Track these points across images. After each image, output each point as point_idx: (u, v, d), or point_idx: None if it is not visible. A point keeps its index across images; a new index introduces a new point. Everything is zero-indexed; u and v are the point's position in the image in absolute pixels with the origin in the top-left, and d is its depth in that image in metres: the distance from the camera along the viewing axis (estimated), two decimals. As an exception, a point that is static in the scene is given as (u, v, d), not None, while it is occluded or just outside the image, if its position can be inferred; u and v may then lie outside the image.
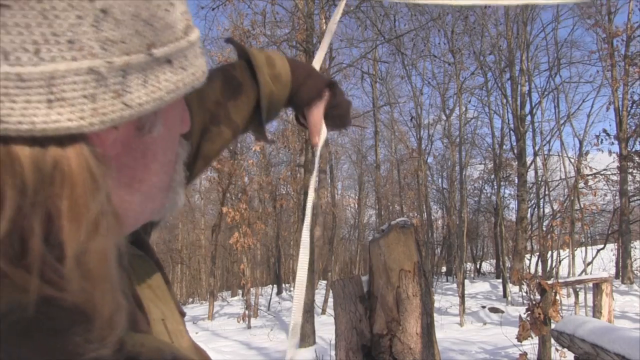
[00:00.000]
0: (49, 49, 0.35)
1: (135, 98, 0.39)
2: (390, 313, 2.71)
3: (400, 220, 2.91)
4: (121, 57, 0.38)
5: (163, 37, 0.41)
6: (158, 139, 0.45)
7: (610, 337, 4.09)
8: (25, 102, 0.35)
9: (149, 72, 0.40)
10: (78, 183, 0.36)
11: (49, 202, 0.35)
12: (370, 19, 10.74)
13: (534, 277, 6.67)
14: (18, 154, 0.34)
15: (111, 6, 0.37)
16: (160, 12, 0.41)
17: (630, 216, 13.99)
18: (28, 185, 0.34)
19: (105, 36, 0.37)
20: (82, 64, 0.36)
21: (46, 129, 0.35)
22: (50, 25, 0.35)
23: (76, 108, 0.36)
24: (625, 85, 13.13)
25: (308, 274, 4.68)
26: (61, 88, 0.35)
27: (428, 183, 17.96)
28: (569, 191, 13.30)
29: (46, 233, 0.35)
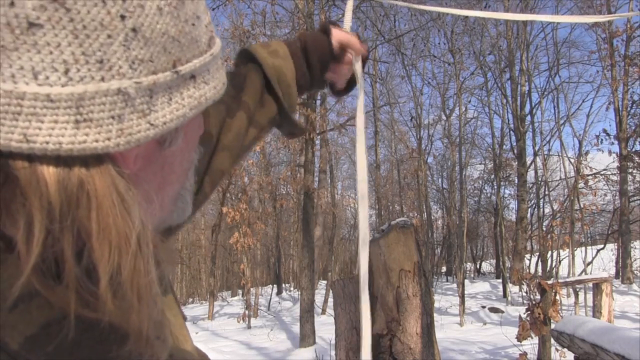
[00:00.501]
0: (78, 69, 0.34)
1: (160, 117, 0.39)
2: (390, 313, 2.71)
3: (400, 220, 2.91)
4: (149, 76, 0.37)
5: (188, 52, 0.41)
6: (177, 151, 0.45)
7: (610, 337, 4.09)
8: (53, 122, 0.34)
9: (174, 89, 0.40)
10: (105, 204, 0.35)
11: (77, 224, 0.35)
12: (370, 19, 10.74)
13: (534, 277, 6.67)
14: (44, 174, 0.34)
15: (142, 24, 0.37)
16: (188, 27, 0.40)
17: (630, 216, 13.99)
18: (55, 207, 0.34)
19: (134, 55, 0.36)
20: (112, 85, 0.36)
21: (72, 149, 0.35)
22: (80, 45, 0.34)
23: (103, 129, 0.36)
24: (625, 85, 13.12)
25: (308, 273, 4.72)
26: (89, 109, 0.35)
27: (428, 183, 17.97)
28: (569, 191, 13.30)
29: (79, 254, 0.35)
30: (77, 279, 0.35)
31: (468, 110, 16.52)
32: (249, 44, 9.25)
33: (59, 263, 0.35)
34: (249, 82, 0.80)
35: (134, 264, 0.36)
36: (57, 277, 0.35)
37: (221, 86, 0.46)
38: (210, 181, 0.75)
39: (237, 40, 9.38)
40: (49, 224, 0.34)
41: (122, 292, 0.36)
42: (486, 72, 15.88)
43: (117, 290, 0.36)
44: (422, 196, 16.35)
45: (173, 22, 0.39)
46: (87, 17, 0.34)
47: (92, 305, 0.35)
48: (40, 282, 0.35)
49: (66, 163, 0.35)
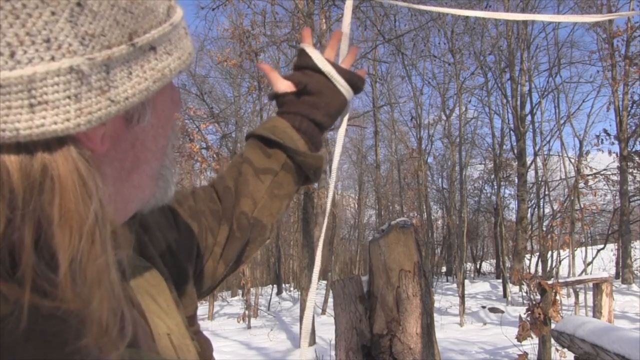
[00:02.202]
0: (24, 50, 0.33)
1: (121, 92, 0.37)
2: (390, 313, 2.70)
3: (400, 220, 2.91)
4: (102, 51, 0.36)
5: (144, 23, 0.39)
6: (147, 127, 0.43)
7: (610, 337, 4.09)
8: (6, 109, 0.33)
9: (133, 63, 0.38)
10: (68, 188, 0.34)
11: (39, 211, 0.34)
12: (370, 19, 10.73)
13: (534, 277, 6.67)
14: (4, 161, 0.33)
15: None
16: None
17: (630, 216, 13.99)
18: (17, 194, 0.33)
19: (83, 31, 0.35)
20: (63, 64, 0.34)
21: (31, 134, 0.33)
22: (23, 25, 0.33)
23: (60, 110, 0.34)
24: (625, 85, 13.12)
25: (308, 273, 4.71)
26: (42, 91, 0.34)
27: (428, 183, 17.97)
28: (569, 191, 13.30)
29: (37, 241, 0.34)
30: (34, 268, 0.33)
31: (468, 110, 16.54)
32: (248, 44, 9.26)
33: (15, 253, 0.34)
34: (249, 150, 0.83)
35: (93, 248, 0.35)
36: (11, 269, 0.34)
37: (187, 56, 0.44)
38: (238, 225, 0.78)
39: (237, 40, 9.37)
40: (9, 213, 0.33)
41: (82, 279, 0.35)
42: (486, 72, 15.89)
43: (77, 276, 0.35)
44: (422, 196, 16.35)
45: None
46: None
47: (50, 294, 0.34)
48: None
49: (27, 149, 0.34)
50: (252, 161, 0.81)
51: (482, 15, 0.98)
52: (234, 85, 15.91)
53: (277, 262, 18.08)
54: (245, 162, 0.81)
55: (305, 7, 8.84)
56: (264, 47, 9.66)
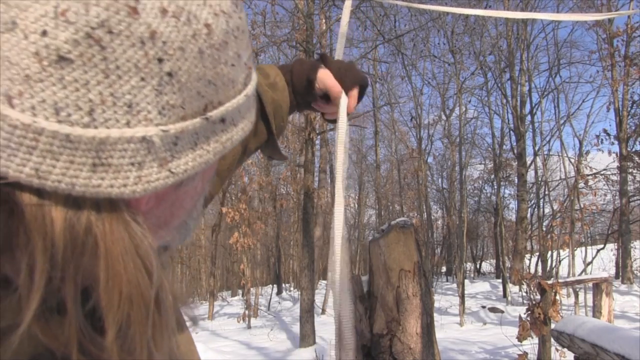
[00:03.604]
0: (103, 110, 0.32)
1: (182, 164, 0.36)
2: (390, 313, 2.71)
3: (400, 220, 2.91)
4: (176, 123, 0.35)
5: (222, 95, 0.38)
6: (190, 189, 0.42)
7: (610, 337, 4.09)
8: (69, 162, 0.32)
9: (201, 135, 0.37)
10: (115, 251, 0.33)
11: (83, 271, 0.32)
12: (370, 19, 10.73)
13: (534, 277, 6.67)
14: (51, 212, 0.32)
15: (179, 68, 0.34)
16: (227, 68, 0.37)
17: (630, 216, 13.99)
18: (58, 250, 0.32)
19: (165, 101, 0.34)
20: (136, 132, 0.33)
21: (85, 192, 0.33)
22: (110, 86, 0.32)
23: (121, 175, 0.33)
24: (625, 85, 13.12)
25: (308, 273, 4.72)
26: (109, 154, 0.33)
27: (428, 183, 17.96)
28: (569, 191, 13.29)
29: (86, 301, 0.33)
30: (79, 330, 0.32)
31: (468, 110, 16.53)
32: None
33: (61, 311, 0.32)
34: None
35: (147, 316, 0.34)
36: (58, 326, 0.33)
37: (249, 126, 0.42)
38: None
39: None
40: (50, 270, 0.32)
41: (131, 346, 0.34)
42: (486, 72, 15.88)
43: (126, 343, 0.33)
44: (422, 196, 16.35)
45: (212, 65, 0.36)
46: (122, 57, 0.32)
47: (93, 355, 0.33)
48: (41, 329, 0.32)
49: (76, 204, 0.33)
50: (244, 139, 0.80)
51: (482, 13, 0.98)
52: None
53: (277, 262, 18.08)
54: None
55: (305, 7, 8.84)
56: (264, 47, 9.66)
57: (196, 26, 0.35)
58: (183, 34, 0.34)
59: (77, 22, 0.31)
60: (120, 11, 0.32)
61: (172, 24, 0.33)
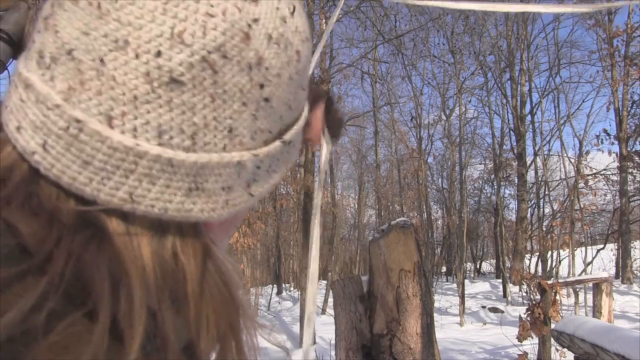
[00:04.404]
0: (205, 134, 0.32)
1: (259, 187, 0.36)
2: (390, 313, 2.71)
3: (400, 220, 2.91)
4: (263, 147, 0.35)
5: (294, 118, 0.38)
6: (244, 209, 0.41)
7: (610, 337, 4.09)
8: (165, 187, 0.32)
9: (276, 158, 0.37)
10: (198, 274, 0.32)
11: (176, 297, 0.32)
12: (370, 19, 10.73)
13: (534, 277, 6.67)
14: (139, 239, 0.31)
15: (274, 94, 0.34)
16: (301, 92, 0.38)
17: (630, 216, 13.98)
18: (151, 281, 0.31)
19: (258, 125, 0.34)
20: (233, 157, 0.33)
21: (176, 216, 0.32)
22: (214, 110, 0.32)
23: (212, 199, 0.33)
24: (625, 85, 13.12)
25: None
26: (206, 179, 0.32)
27: (428, 183, 17.96)
28: (569, 191, 13.29)
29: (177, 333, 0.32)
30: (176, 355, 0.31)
31: (468, 110, 16.54)
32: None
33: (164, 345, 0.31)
34: None
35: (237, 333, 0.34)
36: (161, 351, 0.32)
37: (301, 145, 0.42)
38: None
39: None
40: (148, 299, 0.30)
41: None
42: (486, 72, 15.89)
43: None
44: (422, 196, 16.35)
45: (294, 90, 0.36)
46: (230, 82, 0.32)
47: None
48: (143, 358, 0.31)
49: (163, 230, 0.32)
50: None
51: (480, 7, 0.98)
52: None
53: (277, 262, 18.07)
54: None
55: (305, 7, 8.84)
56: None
57: (291, 53, 0.35)
58: (282, 61, 0.34)
59: (194, 45, 0.30)
60: (236, 36, 0.31)
61: (275, 51, 0.33)
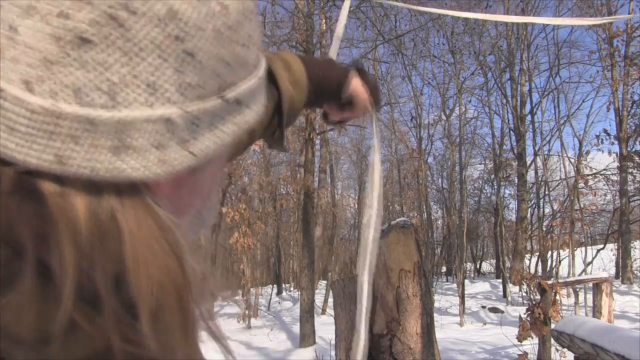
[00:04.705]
0: (125, 91, 0.32)
1: (201, 146, 0.36)
2: (390, 313, 2.71)
3: (400, 220, 2.91)
4: (196, 103, 0.35)
5: (237, 76, 0.38)
6: (207, 174, 0.42)
7: (610, 337, 4.09)
8: (91, 146, 0.32)
9: (218, 116, 0.37)
10: (140, 235, 0.33)
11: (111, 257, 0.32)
12: (370, 19, 10.73)
13: (534, 277, 6.67)
14: (73, 199, 0.32)
15: (198, 48, 0.34)
16: (240, 49, 0.37)
17: (630, 216, 13.99)
18: (84, 238, 0.31)
19: (185, 80, 0.34)
20: (157, 112, 0.33)
21: (106, 176, 0.32)
22: (130, 66, 0.32)
23: (142, 157, 0.33)
24: (625, 85, 13.12)
25: (308, 273, 4.71)
26: (131, 135, 0.33)
27: (428, 183, 17.97)
28: (569, 191, 13.30)
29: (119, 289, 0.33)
30: (115, 314, 0.32)
31: (468, 110, 16.55)
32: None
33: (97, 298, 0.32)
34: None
35: (179, 298, 0.34)
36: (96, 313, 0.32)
37: (261, 109, 0.42)
38: None
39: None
40: (79, 257, 0.31)
41: (167, 329, 0.34)
42: (486, 72, 15.90)
43: (161, 327, 0.33)
44: (422, 196, 16.36)
45: (228, 44, 0.36)
46: (142, 36, 0.32)
47: (134, 341, 0.33)
48: (79, 314, 0.32)
49: (98, 190, 0.32)
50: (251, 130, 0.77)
51: (482, 17, 0.98)
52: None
53: (277, 262, 18.08)
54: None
55: (305, 7, 8.85)
56: (264, 47, 9.66)
57: (213, 5, 0.35)
58: (201, 13, 0.34)
59: (97, 2, 0.30)
60: None
61: (190, 3, 0.33)
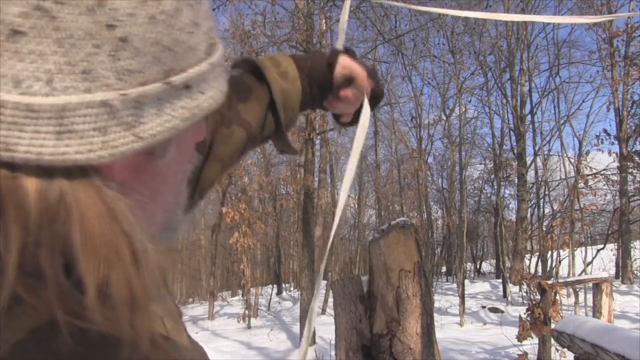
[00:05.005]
0: (62, 78, 0.33)
1: (148, 129, 0.37)
2: (390, 313, 2.71)
3: (400, 220, 2.91)
4: (137, 88, 0.36)
5: (183, 61, 0.39)
6: (170, 161, 0.43)
7: (610, 337, 4.09)
8: (34, 132, 0.34)
9: (165, 101, 0.38)
10: (89, 215, 0.35)
11: (59, 237, 0.34)
12: (370, 19, 10.73)
13: (534, 277, 6.67)
14: (24, 183, 0.34)
15: (132, 34, 0.35)
16: (183, 35, 0.38)
17: (630, 216, 13.99)
18: (32, 218, 0.33)
19: (122, 66, 0.35)
20: (95, 97, 0.34)
21: (53, 160, 0.34)
22: (65, 54, 0.33)
23: (85, 141, 0.35)
24: (625, 85, 13.12)
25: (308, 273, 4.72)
26: (72, 120, 0.34)
27: (428, 183, 17.98)
28: (569, 191, 13.29)
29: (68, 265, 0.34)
30: (60, 289, 0.34)
31: (468, 110, 16.54)
32: (249, 44, 9.26)
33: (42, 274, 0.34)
34: (254, 100, 0.78)
35: (126, 275, 0.35)
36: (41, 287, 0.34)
37: (219, 95, 0.43)
38: (200, 190, 0.74)
39: (238, 40, 9.38)
40: (25, 236, 0.33)
41: (113, 304, 0.35)
42: (486, 72, 15.89)
43: (108, 301, 0.35)
44: (422, 196, 16.36)
45: (167, 30, 0.37)
46: (73, 25, 0.33)
47: (80, 314, 0.34)
48: (24, 289, 0.34)
49: (48, 173, 0.34)
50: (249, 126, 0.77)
51: (482, 16, 0.98)
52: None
53: (277, 262, 18.08)
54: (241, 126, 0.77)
55: (305, 7, 8.84)
56: (264, 47, 9.66)
57: None
58: (132, 0, 0.35)
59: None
60: None
61: None
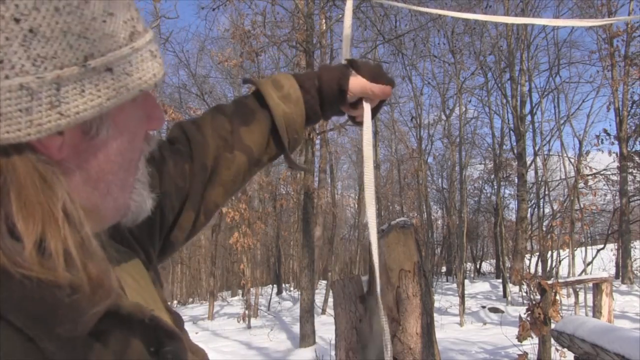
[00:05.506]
0: None
1: (72, 108, 0.42)
2: (390, 313, 2.71)
3: (400, 220, 2.91)
4: (53, 71, 0.41)
5: (102, 47, 0.44)
6: (109, 140, 0.47)
7: (610, 337, 4.09)
8: None
9: (86, 82, 0.43)
10: (25, 185, 0.40)
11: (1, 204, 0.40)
12: (370, 19, 10.73)
13: (534, 277, 6.67)
14: None
15: (39, 25, 0.40)
16: (96, 24, 0.43)
17: (630, 216, 13.98)
18: None
19: (36, 53, 0.40)
20: (15, 82, 0.39)
21: None
22: None
23: (12, 121, 0.40)
24: (625, 85, 13.12)
25: (308, 273, 4.73)
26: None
27: (428, 183, 17.97)
28: (569, 191, 13.29)
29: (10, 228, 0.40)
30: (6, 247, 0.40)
31: (468, 110, 16.54)
32: (249, 44, 9.25)
33: None
34: (256, 125, 0.79)
35: (60, 231, 0.41)
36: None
37: (149, 77, 0.48)
38: (205, 212, 0.76)
39: (238, 40, 9.38)
40: None
41: (50, 256, 0.40)
42: (486, 72, 15.89)
43: (45, 254, 0.40)
44: (422, 196, 16.36)
45: (76, 20, 0.42)
46: None
47: (21, 264, 0.40)
48: None
49: None
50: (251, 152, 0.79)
51: (481, 18, 0.98)
52: (235, 85, 15.92)
53: (277, 262, 18.08)
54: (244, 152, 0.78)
55: (305, 7, 8.84)
56: (264, 47, 9.67)
57: None
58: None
59: None
60: None
61: None
